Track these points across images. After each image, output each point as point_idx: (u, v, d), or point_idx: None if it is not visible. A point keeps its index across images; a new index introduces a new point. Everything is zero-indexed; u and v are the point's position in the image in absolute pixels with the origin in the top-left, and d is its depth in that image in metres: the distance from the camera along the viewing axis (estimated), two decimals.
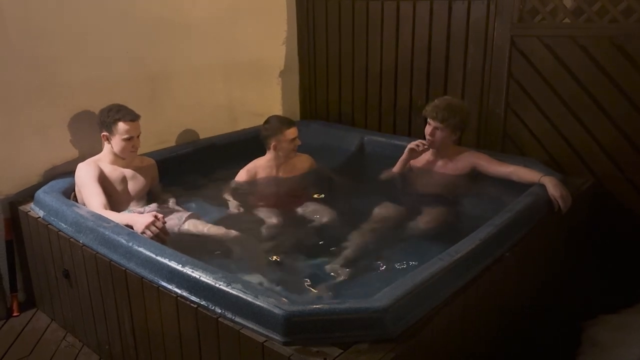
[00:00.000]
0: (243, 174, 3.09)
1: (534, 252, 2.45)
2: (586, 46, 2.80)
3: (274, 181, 3.12)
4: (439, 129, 2.86)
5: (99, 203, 2.54)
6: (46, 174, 2.88)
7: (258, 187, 3.10)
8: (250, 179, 3.09)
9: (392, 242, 2.60)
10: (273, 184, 3.12)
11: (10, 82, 2.71)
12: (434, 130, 2.88)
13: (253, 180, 3.10)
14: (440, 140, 2.89)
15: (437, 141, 2.90)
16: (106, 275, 2.24)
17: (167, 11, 3.29)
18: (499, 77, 3.11)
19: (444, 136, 2.88)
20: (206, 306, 1.85)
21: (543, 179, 2.62)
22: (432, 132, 2.89)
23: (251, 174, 3.09)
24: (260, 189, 3.09)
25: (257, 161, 3.14)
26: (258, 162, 3.13)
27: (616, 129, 2.79)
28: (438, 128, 2.86)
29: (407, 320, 1.75)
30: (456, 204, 2.90)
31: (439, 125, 2.86)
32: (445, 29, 3.28)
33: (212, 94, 3.66)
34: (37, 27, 2.75)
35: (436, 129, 2.87)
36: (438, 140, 2.90)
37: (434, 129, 2.88)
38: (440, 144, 2.92)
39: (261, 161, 3.13)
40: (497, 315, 2.27)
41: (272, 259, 2.50)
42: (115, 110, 2.68)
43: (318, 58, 4.03)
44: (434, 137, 2.89)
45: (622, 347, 2.23)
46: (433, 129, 2.88)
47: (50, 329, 2.73)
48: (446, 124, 2.84)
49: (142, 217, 2.40)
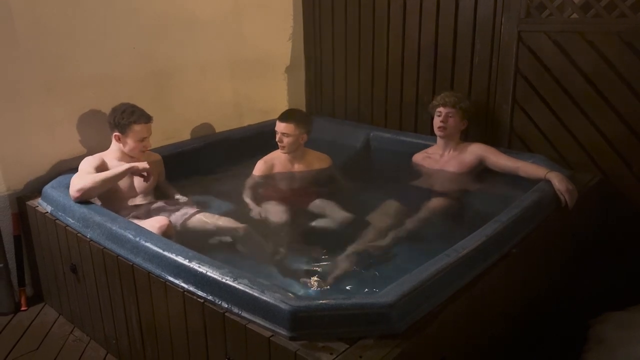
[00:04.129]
0: (260, 165, 3.09)
1: (540, 248, 2.45)
2: (594, 42, 2.77)
3: (288, 176, 3.12)
4: (450, 114, 2.96)
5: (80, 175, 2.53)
6: (54, 170, 2.90)
7: (271, 180, 3.10)
8: (267, 170, 3.09)
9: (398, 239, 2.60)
10: (287, 179, 3.12)
11: (18, 79, 2.72)
12: (445, 117, 2.98)
13: (269, 171, 3.09)
14: (453, 126, 2.98)
15: (450, 127, 2.99)
16: (113, 270, 2.25)
17: (173, 7, 3.30)
18: (506, 72, 3.10)
19: (456, 122, 2.98)
20: (213, 301, 1.85)
21: (549, 175, 2.63)
22: (445, 119, 2.98)
23: (268, 166, 3.09)
24: (273, 182, 3.09)
25: (275, 152, 3.13)
26: (276, 153, 3.13)
27: (624, 125, 2.76)
28: (450, 114, 2.97)
29: (413, 316, 1.75)
30: (463, 200, 2.90)
31: (450, 110, 2.97)
32: (452, 24, 3.27)
33: (218, 90, 3.66)
34: (44, 24, 2.76)
35: (448, 115, 2.97)
36: (451, 126, 2.99)
37: (446, 116, 2.98)
38: (453, 132, 3.00)
39: (279, 153, 3.11)
40: (503, 312, 2.26)
41: (279, 254, 2.51)
42: (129, 112, 2.66)
43: (324, 54, 4.02)
44: (446, 122, 2.98)
45: (629, 345, 2.22)
46: (445, 116, 2.98)
47: (58, 323, 2.74)
48: (458, 108, 2.96)
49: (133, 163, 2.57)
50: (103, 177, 2.51)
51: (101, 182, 2.51)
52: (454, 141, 3.04)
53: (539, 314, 2.59)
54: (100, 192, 2.54)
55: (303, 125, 3.03)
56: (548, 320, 2.64)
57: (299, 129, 3.01)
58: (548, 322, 2.63)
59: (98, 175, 2.52)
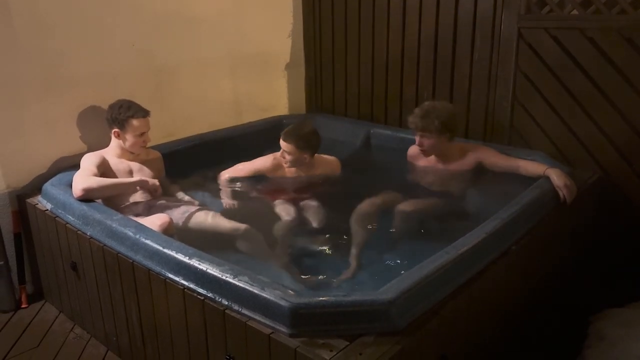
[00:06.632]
0: (269, 159, 3.03)
1: (540, 245, 2.45)
2: (594, 38, 2.77)
3: (292, 178, 3.07)
4: (425, 137, 2.83)
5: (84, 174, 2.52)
6: (53, 167, 2.90)
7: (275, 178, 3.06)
8: (273, 169, 3.02)
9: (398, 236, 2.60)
10: (291, 179, 3.07)
11: (17, 76, 2.71)
12: (421, 140, 2.86)
13: (275, 171, 3.03)
14: (431, 147, 2.86)
15: (429, 149, 2.88)
16: (113, 268, 2.25)
17: (173, 4, 3.29)
18: (506, 69, 3.09)
19: (433, 143, 2.84)
20: (213, 298, 1.86)
21: (547, 171, 2.63)
22: (420, 143, 2.86)
23: (277, 163, 3.02)
24: (275, 179, 3.07)
25: None
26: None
27: (624, 122, 2.76)
28: (424, 136, 2.83)
29: (413, 312, 1.75)
30: (462, 198, 2.90)
31: (420, 133, 2.83)
32: (452, 20, 3.26)
33: (218, 87, 3.66)
34: (43, 20, 2.76)
35: (423, 138, 2.84)
36: (429, 149, 2.87)
37: (421, 139, 2.85)
38: (435, 150, 2.89)
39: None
40: (503, 309, 2.27)
41: (279, 252, 2.51)
42: (126, 107, 2.68)
43: (324, 51, 4.02)
44: (423, 146, 2.86)
45: (629, 341, 2.22)
46: (420, 139, 2.86)
47: (59, 320, 2.75)
48: (428, 131, 2.80)
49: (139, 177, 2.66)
50: (109, 184, 2.55)
51: (107, 188, 2.54)
52: (444, 154, 2.93)
53: (539, 310, 2.59)
54: (103, 196, 2.55)
55: (304, 148, 2.89)
56: (548, 316, 2.64)
57: (299, 151, 2.88)
58: (548, 319, 2.63)
59: (105, 181, 2.55)
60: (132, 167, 2.78)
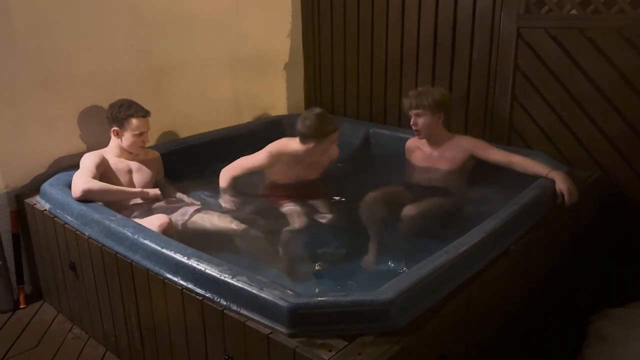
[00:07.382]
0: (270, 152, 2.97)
1: (540, 245, 2.44)
2: (593, 38, 2.77)
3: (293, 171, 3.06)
4: (418, 115, 2.88)
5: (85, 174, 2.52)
6: (52, 167, 2.89)
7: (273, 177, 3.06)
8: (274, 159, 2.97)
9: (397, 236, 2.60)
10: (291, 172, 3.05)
11: (16, 75, 2.71)
12: (415, 119, 2.90)
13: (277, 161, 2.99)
14: (425, 126, 2.89)
15: (423, 128, 2.91)
16: (112, 268, 2.25)
17: (172, 4, 3.29)
18: (505, 69, 3.09)
19: (426, 121, 2.88)
20: (211, 298, 1.85)
21: (551, 174, 2.60)
22: (415, 122, 2.91)
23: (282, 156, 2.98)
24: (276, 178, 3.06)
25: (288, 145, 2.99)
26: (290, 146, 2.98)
27: (623, 122, 2.76)
28: (418, 114, 2.88)
29: (413, 312, 1.75)
30: (461, 197, 2.89)
31: (416, 111, 2.88)
32: (451, 20, 3.26)
33: (217, 86, 3.66)
34: (42, 20, 2.75)
35: (417, 116, 2.89)
36: (423, 127, 2.90)
37: (415, 118, 2.89)
38: (428, 131, 2.92)
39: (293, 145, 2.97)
40: (502, 308, 2.26)
41: (278, 252, 2.51)
42: (126, 106, 2.69)
43: (323, 51, 4.01)
44: (417, 125, 2.90)
45: (629, 341, 2.22)
46: (414, 119, 2.90)
47: (57, 321, 2.74)
48: (422, 107, 2.85)
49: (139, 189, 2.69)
50: (110, 190, 2.56)
51: (107, 193, 2.54)
52: (437, 136, 2.96)
53: (539, 310, 2.59)
54: (101, 200, 2.54)
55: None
56: (548, 316, 2.64)
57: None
58: (548, 319, 2.63)
59: (107, 186, 2.55)
60: (131, 166, 2.78)
